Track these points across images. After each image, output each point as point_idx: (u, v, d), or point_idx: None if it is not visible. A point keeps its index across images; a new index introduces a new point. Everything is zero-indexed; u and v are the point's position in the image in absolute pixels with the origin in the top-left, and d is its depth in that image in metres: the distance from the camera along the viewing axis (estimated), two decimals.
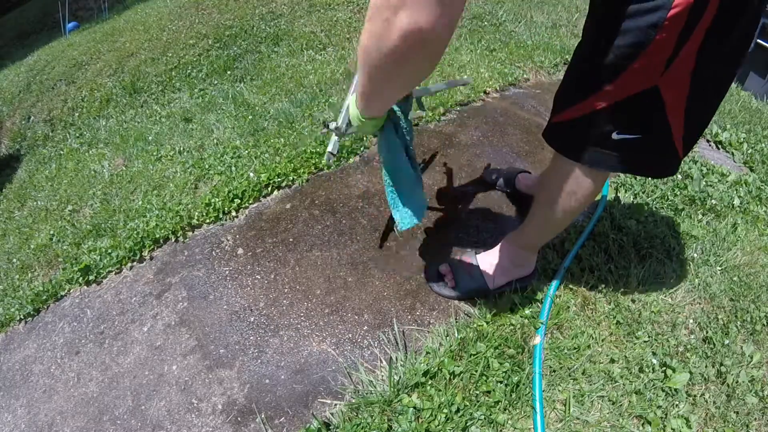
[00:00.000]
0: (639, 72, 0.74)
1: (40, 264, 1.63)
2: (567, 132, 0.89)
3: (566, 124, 0.88)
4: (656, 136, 0.81)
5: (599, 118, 0.81)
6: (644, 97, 0.76)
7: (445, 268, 1.25)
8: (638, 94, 0.76)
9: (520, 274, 1.19)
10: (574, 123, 0.86)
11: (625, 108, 0.79)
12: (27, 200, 2.26)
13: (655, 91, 0.75)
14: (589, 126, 0.83)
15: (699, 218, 1.44)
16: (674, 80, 0.75)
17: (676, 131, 0.81)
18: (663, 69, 0.72)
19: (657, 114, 0.78)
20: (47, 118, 3.33)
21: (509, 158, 1.76)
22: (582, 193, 0.93)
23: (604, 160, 0.85)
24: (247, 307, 1.28)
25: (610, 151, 0.83)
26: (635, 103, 0.78)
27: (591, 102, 0.81)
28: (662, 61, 0.72)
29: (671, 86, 0.75)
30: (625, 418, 0.94)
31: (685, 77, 0.74)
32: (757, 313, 1.14)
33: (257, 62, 2.98)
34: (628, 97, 0.77)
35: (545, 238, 1.14)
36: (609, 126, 0.81)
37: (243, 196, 1.63)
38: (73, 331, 1.35)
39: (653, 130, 0.81)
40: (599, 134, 0.83)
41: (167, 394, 1.13)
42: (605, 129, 0.82)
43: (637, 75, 0.74)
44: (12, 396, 1.24)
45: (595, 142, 0.84)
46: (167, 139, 2.23)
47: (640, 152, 0.83)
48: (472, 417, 0.94)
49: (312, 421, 0.99)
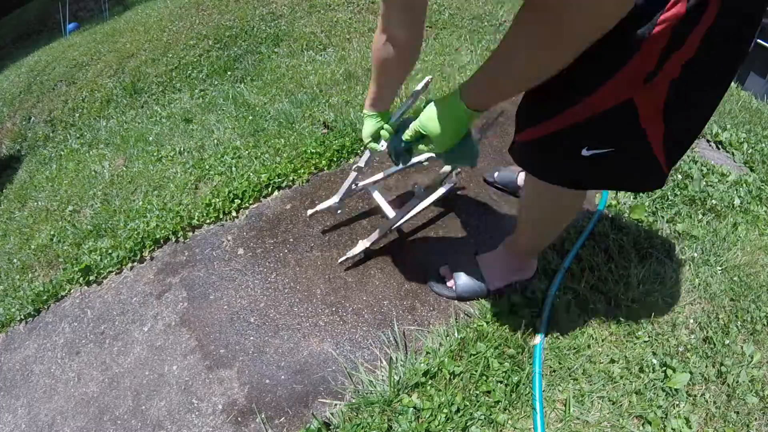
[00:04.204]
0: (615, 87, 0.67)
1: (40, 264, 1.63)
2: (532, 152, 0.82)
3: (531, 144, 0.80)
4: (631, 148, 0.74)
5: (566, 135, 0.74)
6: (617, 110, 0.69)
7: (445, 270, 1.26)
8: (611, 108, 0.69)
9: (519, 277, 1.19)
10: (539, 142, 0.78)
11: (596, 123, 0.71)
12: (28, 201, 2.26)
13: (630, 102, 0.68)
14: (556, 145, 0.76)
15: (699, 218, 1.44)
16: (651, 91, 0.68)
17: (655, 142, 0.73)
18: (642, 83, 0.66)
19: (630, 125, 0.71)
20: (48, 118, 3.34)
21: (509, 158, 1.75)
22: (564, 207, 0.89)
23: (576, 179, 0.80)
24: (248, 307, 1.28)
25: (580, 169, 0.77)
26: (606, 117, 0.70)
27: (557, 120, 0.73)
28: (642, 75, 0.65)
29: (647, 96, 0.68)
30: (625, 418, 0.94)
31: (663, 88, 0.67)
32: (757, 313, 1.14)
33: (257, 63, 2.98)
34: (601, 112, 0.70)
35: (538, 246, 1.12)
36: (578, 143, 0.74)
37: (243, 196, 1.63)
38: (74, 331, 1.35)
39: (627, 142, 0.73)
40: (567, 152, 0.76)
41: (167, 394, 1.13)
42: (574, 146, 0.74)
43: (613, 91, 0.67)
44: (12, 396, 1.24)
45: (563, 161, 0.78)
46: (168, 139, 2.24)
47: (614, 167, 0.76)
48: (472, 417, 0.94)
49: (312, 421, 0.99)
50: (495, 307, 1.16)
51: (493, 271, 1.18)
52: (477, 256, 1.22)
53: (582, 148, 0.73)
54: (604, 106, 0.69)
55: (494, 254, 1.20)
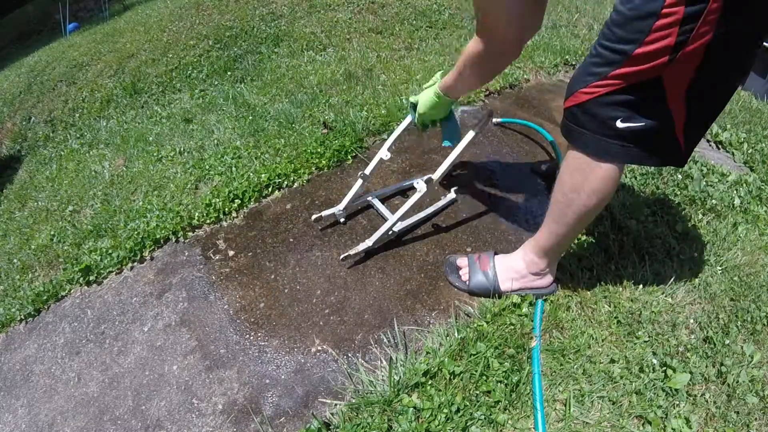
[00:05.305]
0: (641, 59, 0.75)
1: (40, 264, 1.63)
2: (573, 118, 0.91)
3: (572, 111, 0.90)
4: (659, 125, 0.83)
5: (602, 105, 0.84)
6: (647, 87, 0.79)
7: (462, 262, 1.27)
8: (642, 83, 0.78)
9: (535, 284, 1.17)
10: (580, 109, 0.88)
11: (629, 96, 0.81)
12: (28, 201, 2.26)
13: (659, 81, 0.78)
14: (593, 113, 0.85)
15: (699, 218, 1.44)
16: (678, 72, 0.76)
17: (677, 123, 0.83)
18: (667, 59, 0.74)
19: (659, 104, 0.80)
20: (48, 118, 3.34)
21: (509, 158, 1.76)
22: (590, 187, 0.92)
23: (608, 149, 0.87)
24: (247, 307, 1.28)
25: (614, 140, 0.86)
26: (639, 92, 0.80)
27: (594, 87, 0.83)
28: (665, 50, 0.73)
29: (674, 78, 0.77)
30: (625, 418, 0.94)
31: (689, 71, 0.76)
32: (757, 313, 1.14)
33: (257, 63, 2.98)
34: (630, 84, 0.79)
35: (559, 242, 1.09)
36: (613, 113, 0.83)
37: (243, 196, 1.63)
38: (74, 332, 1.35)
39: (656, 120, 0.82)
40: (603, 122, 0.85)
41: (168, 394, 1.13)
42: (609, 116, 0.84)
43: (639, 62, 0.76)
44: (13, 396, 1.24)
45: (599, 130, 0.86)
46: (168, 139, 2.24)
47: (644, 142, 0.85)
48: (472, 417, 0.94)
49: (312, 421, 0.99)
50: (495, 307, 1.16)
51: (508, 272, 1.18)
52: (495, 256, 1.23)
53: (617, 119, 0.83)
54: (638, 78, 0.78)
55: (511, 256, 1.20)
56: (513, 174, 1.68)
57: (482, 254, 1.25)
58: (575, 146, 0.93)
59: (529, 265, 1.16)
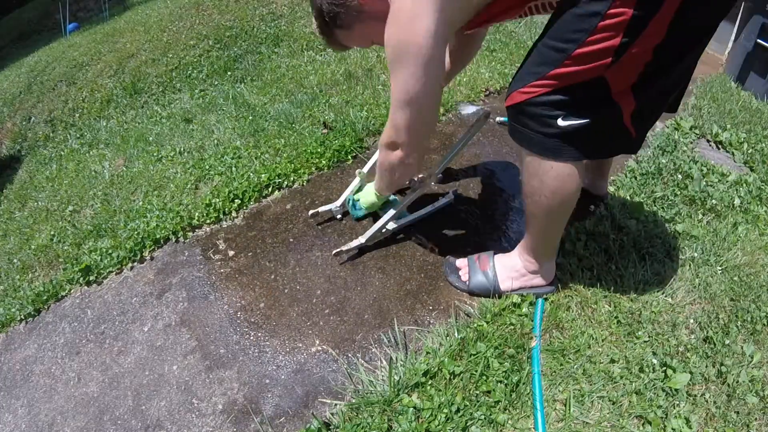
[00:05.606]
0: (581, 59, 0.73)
1: (40, 264, 1.63)
2: (515, 118, 0.89)
3: (514, 109, 0.88)
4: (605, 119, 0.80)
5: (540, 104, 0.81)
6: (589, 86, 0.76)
7: (462, 262, 1.27)
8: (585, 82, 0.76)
9: (534, 282, 1.18)
10: (518, 110, 0.86)
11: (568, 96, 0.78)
12: (28, 201, 2.26)
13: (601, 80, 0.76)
14: (532, 113, 0.83)
15: (699, 218, 1.44)
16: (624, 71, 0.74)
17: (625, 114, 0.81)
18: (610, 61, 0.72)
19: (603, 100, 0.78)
20: (48, 118, 3.34)
21: (509, 158, 1.76)
22: (548, 189, 0.91)
23: (552, 147, 0.84)
24: (247, 307, 1.28)
25: (556, 138, 0.83)
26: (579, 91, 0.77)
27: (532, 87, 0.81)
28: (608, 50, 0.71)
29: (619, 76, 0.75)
30: (625, 418, 0.94)
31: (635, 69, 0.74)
32: (757, 313, 1.14)
33: (257, 63, 2.98)
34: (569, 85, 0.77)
35: (544, 241, 1.10)
36: (552, 113, 0.81)
37: (243, 196, 1.63)
38: (74, 331, 1.35)
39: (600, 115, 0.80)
40: (543, 121, 0.82)
41: (168, 394, 1.13)
42: (549, 115, 0.81)
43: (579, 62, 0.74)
44: (13, 396, 1.24)
45: (540, 129, 0.84)
46: (168, 139, 2.24)
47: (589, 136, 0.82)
48: (472, 417, 0.94)
49: (312, 421, 0.99)
50: (495, 307, 1.16)
51: (508, 272, 1.18)
52: (495, 256, 1.23)
53: (558, 118, 0.80)
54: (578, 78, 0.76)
55: (510, 255, 1.20)
56: (513, 174, 1.68)
57: (482, 254, 1.25)
58: (521, 146, 0.91)
59: (526, 264, 1.16)
